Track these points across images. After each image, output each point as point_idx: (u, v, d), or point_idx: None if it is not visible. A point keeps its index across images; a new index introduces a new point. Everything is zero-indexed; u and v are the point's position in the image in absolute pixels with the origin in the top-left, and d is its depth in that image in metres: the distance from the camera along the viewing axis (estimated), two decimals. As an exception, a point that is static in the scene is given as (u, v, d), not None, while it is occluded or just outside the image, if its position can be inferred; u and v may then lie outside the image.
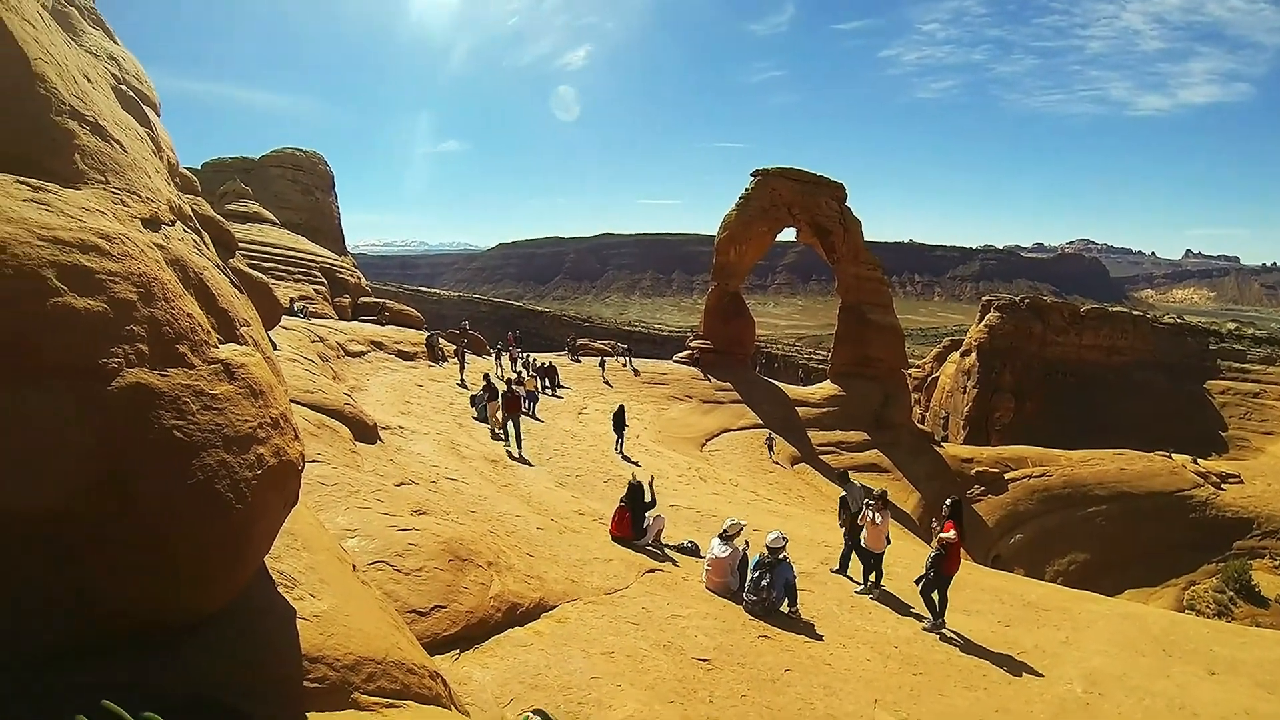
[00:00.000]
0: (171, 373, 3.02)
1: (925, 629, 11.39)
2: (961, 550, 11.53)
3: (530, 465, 19.83)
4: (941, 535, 11.38)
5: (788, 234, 52.88)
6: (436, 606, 7.17)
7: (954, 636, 11.23)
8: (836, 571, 14.08)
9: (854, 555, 13.72)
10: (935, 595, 11.46)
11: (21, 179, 2.89)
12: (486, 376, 27.42)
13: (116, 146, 3.56)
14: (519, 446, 20.84)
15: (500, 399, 22.61)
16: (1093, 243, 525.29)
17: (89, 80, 3.68)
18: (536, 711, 2.31)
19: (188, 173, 7.50)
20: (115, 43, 4.62)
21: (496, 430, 22.40)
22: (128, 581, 2.79)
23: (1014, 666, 10.41)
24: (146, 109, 4.44)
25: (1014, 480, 46.32)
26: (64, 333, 2.64)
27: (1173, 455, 52.80)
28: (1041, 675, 10.20)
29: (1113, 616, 13.01)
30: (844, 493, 14.59)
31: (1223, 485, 49.55)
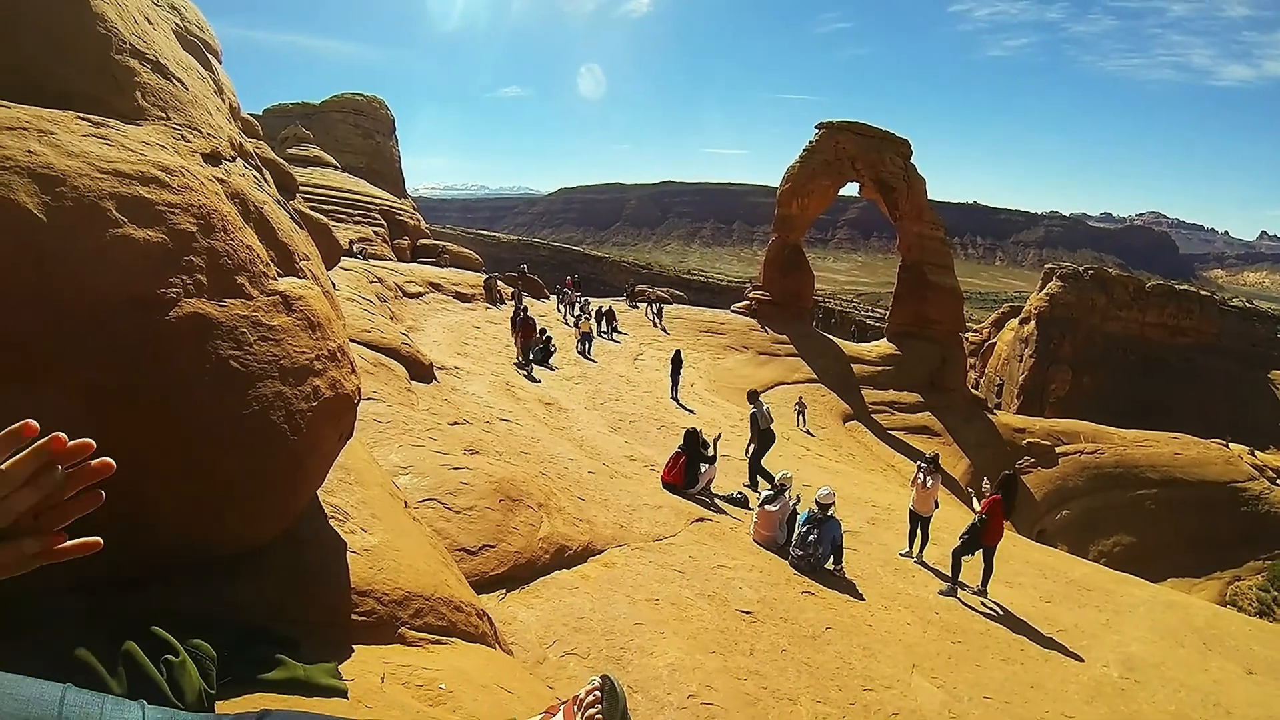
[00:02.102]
0: (229, 303, 3.04)
1: (942, 593, 11.34)
2: (1006, 523, 11.45)
3: (538, 381, 20.91)
4: (981, 504, 11.45)
5: (851, 189, 51.82)
6: (485, 546, 7.24)
7: (995, 608, 11.16)
8: (748, 486, 15.36)
9: (759, 476, 14.60)
10: (973, 561, 11.45)
11: (83, 116, 2.91)
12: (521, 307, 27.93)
13: (177, 84, 3.57)
14: (529, 364, 22.56)
15: (511, 324, 24.04)
16: (1163, 216, 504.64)
17: (149, 21, 3.68)
18: (604, 677, 2.30)
19: (249, 117, 7.53)
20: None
21: (518, 359, 23.09)
22: (182, 512, 2.84)
23: (1052, 644, 10.38)
24: (208, 56, 4.44)
25: (1065, 455, 45.25)
26: (124, 264, 2.67)
27: (1230, 444, 51.02)
28: (1079, 656, 10.16)
29: (1155, 604, 12.87)
30: (753, 410, 16.53)
31: (1279, 480, 47.89)
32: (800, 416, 32.68)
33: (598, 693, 2.27)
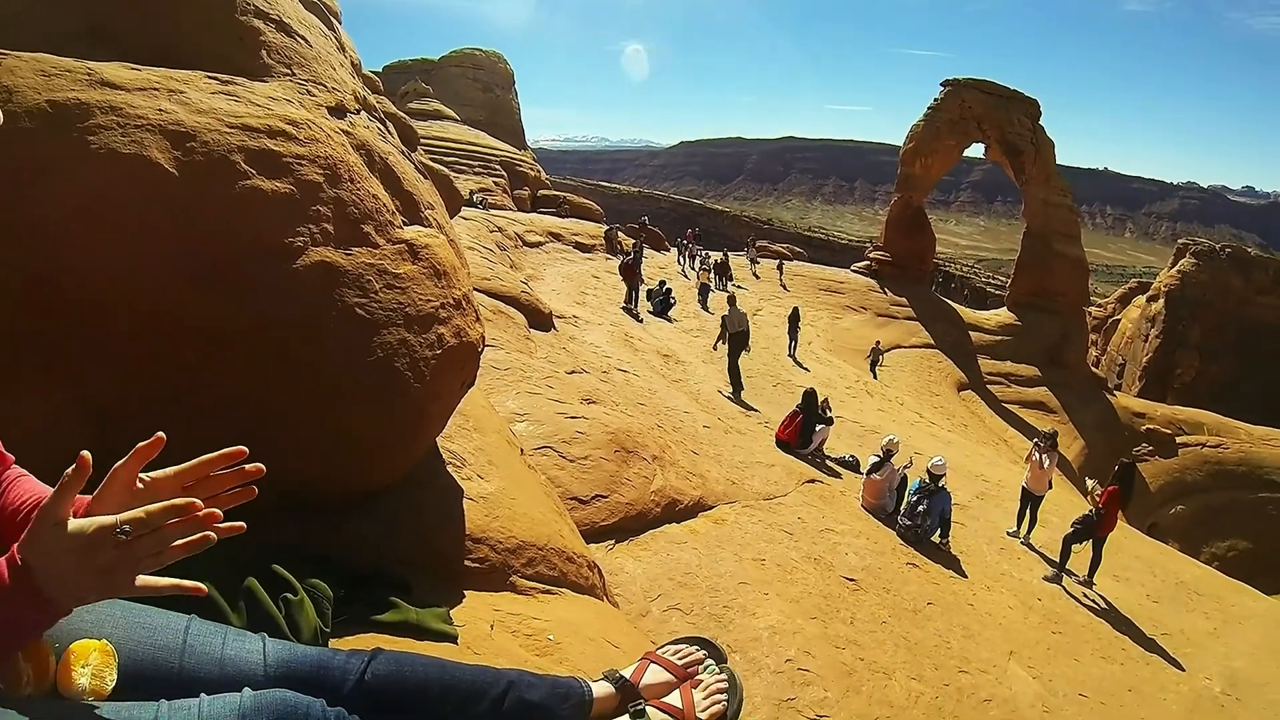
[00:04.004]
0: (356, 252, 3.09)
1: (1046, 578, 11.00)
2: (1120, 515, 11.03)
3: (641, 322, 21.58)
4: (1093, 497, 11.04)
5: (976, 150, 49.96)
6: (597, 496, 7.31)
7: (1098, 600, 10.78)
8: (730, 397, 15.96)
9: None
10: (1081, 549, 11.09)
11: (211, 75, 3.01)
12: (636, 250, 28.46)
13: (301, 41, 3.65)
14: (635, 304, 23.32)
15: (619, 270, 24.60)
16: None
17: None
18: (724, 668, 2.29)
19: (370, 74, 7.66)
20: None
21: (623, 304, 23.40)
22: (305, 454, 2.92)
23: (1154, 647, 10.00)
24: (330, 17, 4.52)
25: (1186, 446, 42.16)
26: (252, 214, 2.75)
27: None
28: (1181, 664, 9.73)
29: (1268, 618, 12.28)
30: (725, 313, 17.79)
31: None
32: (874, 367, 31.71)
33: (711, 671, 2.24)
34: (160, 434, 1.23)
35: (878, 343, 33.39)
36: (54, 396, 2.48)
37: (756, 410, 15.89)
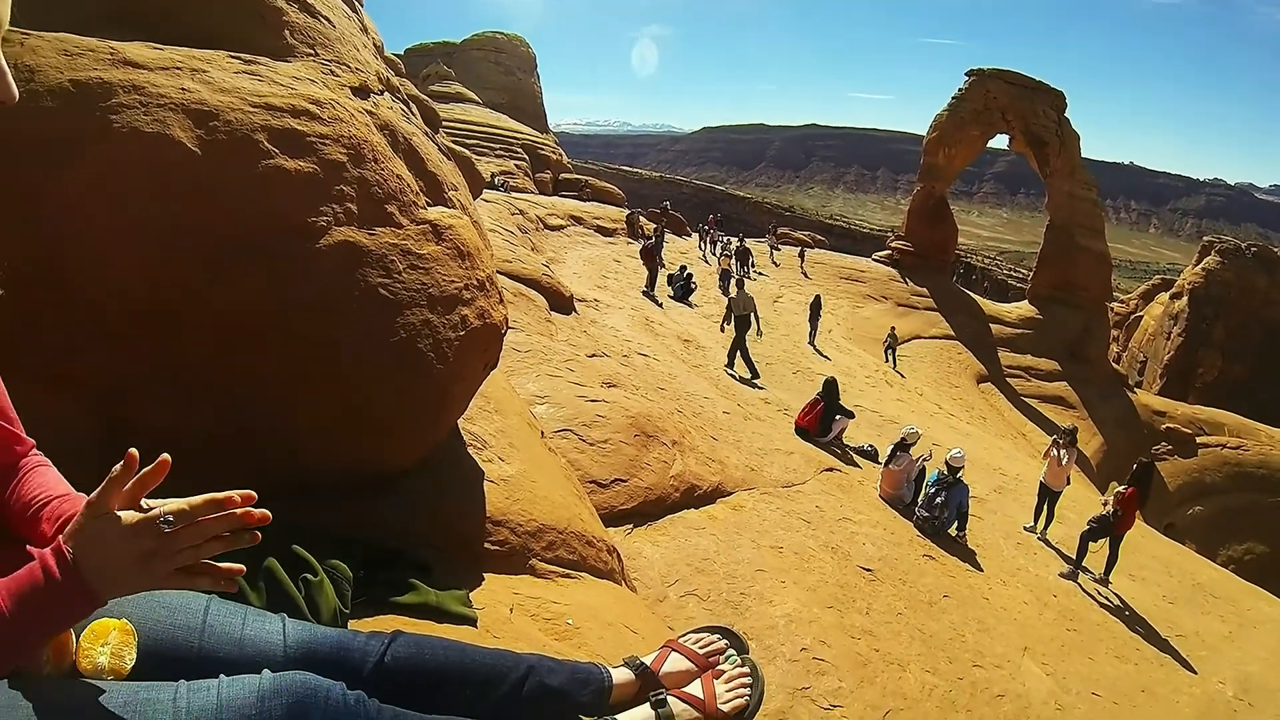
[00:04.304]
0: (379, 232, 3.09)
1: (1062, 575, 10.94)
2: (1138, 513, 10.95)
3: (660, 306, 21.61)
4: (1116, 498, 10.96)
5: (999, 141, 49.34)
6: (617, 480, 7.31)
7: (1114, 599, 10.70)
8: (728, 368, 16.32)
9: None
10: (1097, 547, 11.02)
11: (234, 54, 3.00)
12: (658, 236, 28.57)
13: (325, 22, 3.66)
14: (655, 288, 23.15)
15: (640, 254, 24.72)
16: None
17: None
18: (745, 659, 2.27)
19: (393, 57, 7.69)
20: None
21: (644, 289, 23.24)
22: (327, 433, 2.93)
23: (1168, 648, 9.91)
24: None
25: (1205, 446, 41.35)
26: (275, 193, 2.74)
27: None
28: (1194, 667, 9.61)
29: None
30: (732, 296, 18.30)
31: None
32: (890, 353, 31.00)
33: (733, 661, 2.22)
34: (165, 456, 1.21)
35: (893, 329, 32.52)
36: (68, 380, 2.49)
37: (763, 389, 15.98)
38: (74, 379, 2.49)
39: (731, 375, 16.42)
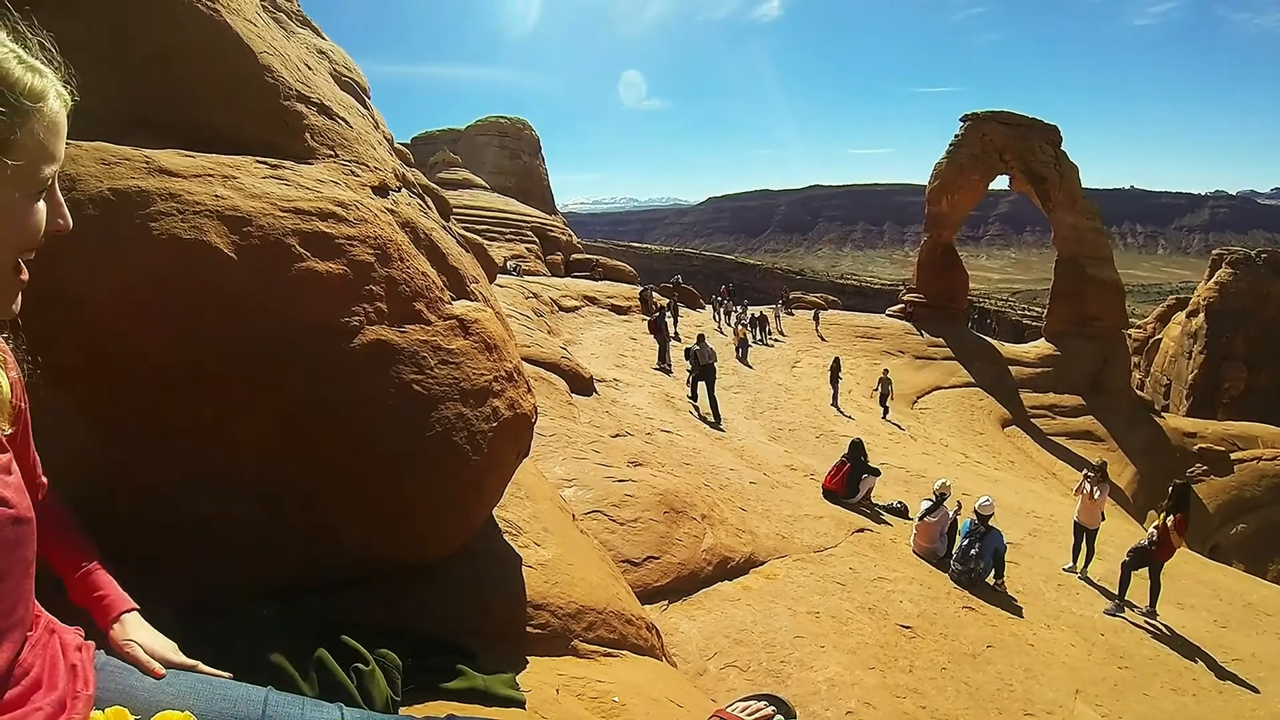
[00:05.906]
0: (409, 329, 3.18)
1: (1107, 612, 10.74)
2: (1180, 538, 10.77)
3: (671, 373, 21.85)
4: (1158, 527, 10.81)
5: (1000, 182, 50.30)
6: (649, 557, 7.31)
7: (1164, 630, 10.48)
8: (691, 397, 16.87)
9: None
10: (1140, 578, 10.84)
11: (261, 159, 3.13)
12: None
13: (342, 123, 3.79)
14: (668, 361, 23.66)
15: (648, 325, 25.15)
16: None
17: (309, 68, 3.94)
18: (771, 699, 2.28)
19: (401, 148, 7.92)
20: (323, 39, 4.92)
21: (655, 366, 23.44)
22: (367, 527, 2.98)
23: (1226, 674, 9.59)
24: (361, 95, 4.70)
25: (1241, 462, 40.90)
26: (308, 295, 2.84)
27: None
28: (1256, 689, 9.33)
29: None
30: (695, 346, 18.97)
31: None
32: (884, 401, 28.81)
33: None
34: None
35: (885, 372, 30.79)
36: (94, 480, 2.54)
37: (723, 432, 16.30)
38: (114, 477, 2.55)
39: (693, 406, 17.50)
